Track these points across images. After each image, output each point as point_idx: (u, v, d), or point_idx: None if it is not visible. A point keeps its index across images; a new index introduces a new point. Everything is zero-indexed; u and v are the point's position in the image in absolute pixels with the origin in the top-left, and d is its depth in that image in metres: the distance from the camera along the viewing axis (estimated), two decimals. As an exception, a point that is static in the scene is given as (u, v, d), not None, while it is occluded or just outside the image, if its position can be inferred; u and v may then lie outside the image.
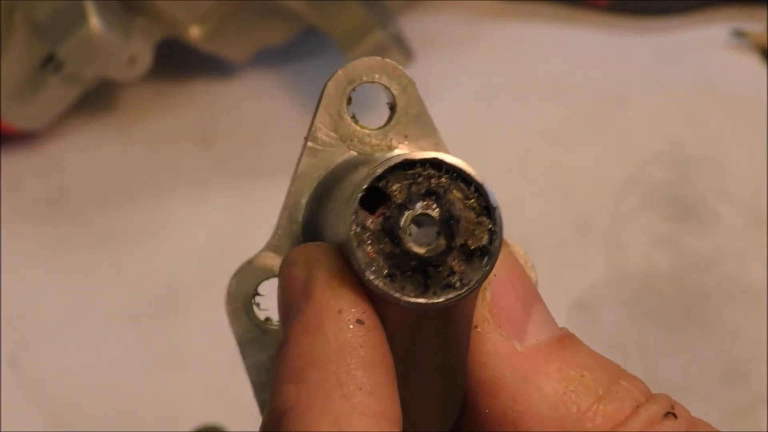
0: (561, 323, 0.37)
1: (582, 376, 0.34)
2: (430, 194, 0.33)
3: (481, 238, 0.33)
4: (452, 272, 0.33)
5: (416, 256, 0.32)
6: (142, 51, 0.81)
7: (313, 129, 0.38)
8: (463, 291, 0.33)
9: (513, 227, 0.91)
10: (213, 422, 0.72)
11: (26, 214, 0.82)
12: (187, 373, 0.75)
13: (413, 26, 0.91)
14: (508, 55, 0.93)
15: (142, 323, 0.77)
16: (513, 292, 0.36)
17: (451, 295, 0.32)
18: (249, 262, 0.39)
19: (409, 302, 0.32)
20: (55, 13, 0.77)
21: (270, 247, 0.39)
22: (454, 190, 0.33)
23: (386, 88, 0.39)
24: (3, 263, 0.79)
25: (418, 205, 0.33)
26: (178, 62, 0.89)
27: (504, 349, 0.34)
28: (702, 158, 0.86)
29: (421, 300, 0.32)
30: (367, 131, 0.38)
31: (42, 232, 0.81)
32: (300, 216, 0.39)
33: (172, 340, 0.76)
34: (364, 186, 0.33)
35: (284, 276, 0.35)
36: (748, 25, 0.95)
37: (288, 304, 0.34)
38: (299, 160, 0.39)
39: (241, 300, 0.39)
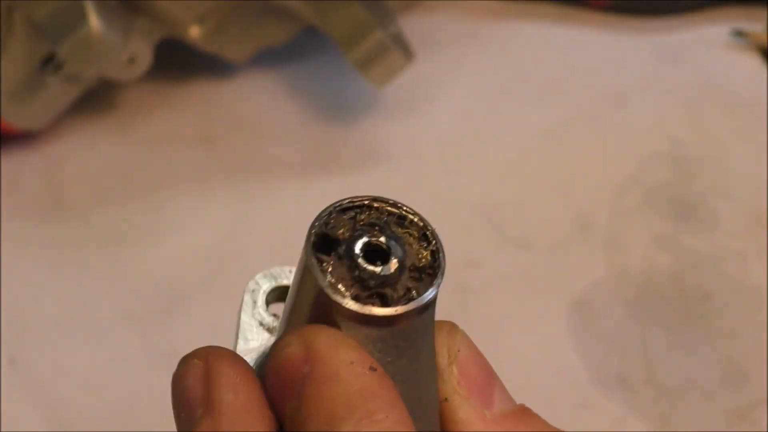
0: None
1: None
2: (372, 226, 0.36)
3: (426, 260, 0.36)
4: (408, 290, 0.36)
5: (374, 275, 0.35)
6: (142, 51, 0.81)
7: (239, 337, 0.43)
8: (424, 300, 0.35)
9: (513, 227, 0.91)
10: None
11: (26, 214, 0.82)
12: (187, 373, 0.75)
13: (413, 26, 0.91)
14: (508, 55, 0.93)
15: (142, 323, 0.77)
16: (477, 365, 0.38)
17: (413, 305, 0.35)
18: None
19: (375, 314, 0.35)
20: (55, 13, 0.77)
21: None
22: (392, 224, 0.37)
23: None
24: (3, 263, 0.79)
25: (365, 235, 0.36)
26: (178, 62, 0.89)
27: (475, 416, 0.36)
28: (702, 158, 0.86)
29: (389, 309, 0.35)
30: None
31: (42, 232, 0.81)
32: None
33: (172, 340, 0.76)
34: (314, 231, 0.36)
35: (280, 358, 0.35)
36: (748, 25, 0.95)
37: (288, 381, 0.35)
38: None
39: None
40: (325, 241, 0.36)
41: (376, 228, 0.36)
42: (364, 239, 0.36)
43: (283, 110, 0.89)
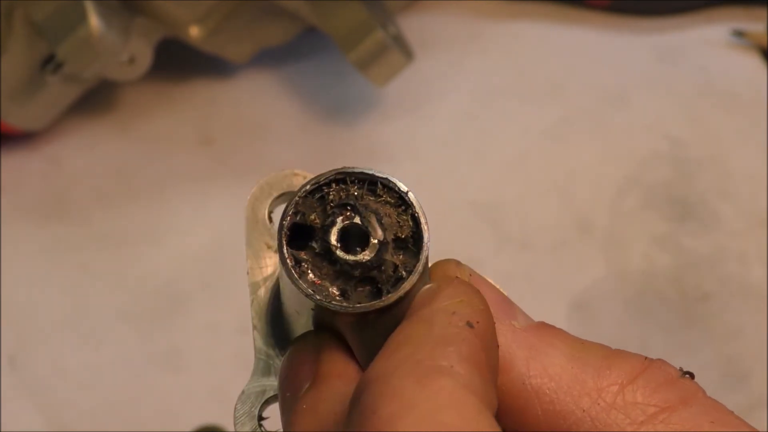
0: (561, 323, 0.38)
1: (582, 343, 0.36)
2: (344, 207, 0.35)
3: (408, 225, 0.35)
4: (396, 267, 0.34)
5: (356, 264, 0.34)
6: (142, 51, 0.81)
7: (249, 254, 0.41)
8: (413, 277, 0.34)
9: (513, 227, 0.91)
10: (213, 422, 0.72)
11: (26, 214, 0.82)
12: (187, 373, 0.75)
13: (413, 26, 0.91)
14: (508, 55, 0.93)
15: (142, 323, 0.77)
16: (491, 288, 0.37)
17: (404, 286, 0.34)
18: (242, 393, 0.39)
19: (370, 308, 0.34)
20: (55, 13, 0.77)
21: (256, 373, 0.40)
22: (365, 195, 0.35)
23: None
24: (3, 263, 0.79)
25: (338, 219, 0.34)
26: (178, 62, 0.89)
27: (504, 327, 0.35)
28: (702, 158, 0.86)
29: (381, 301, 0.34)
30: None
31: (42, 232, 0.81)
32: (270, 332, 0.40)
33: (172, 340, 0.76)
34: (285, 227, 0.34)
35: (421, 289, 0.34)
36: (748, 25, 0.95)
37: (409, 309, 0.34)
38: (249, 287, 0.41)
39: (249, 429, 0.40)
40: (300, 231, 0.35)
41: (348, 208, 0.35)
42: (338, 226, 0.34)
43: (283, 110, 0.89)
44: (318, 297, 0.34)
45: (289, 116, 0.88)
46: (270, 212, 0.42)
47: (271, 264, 0.40)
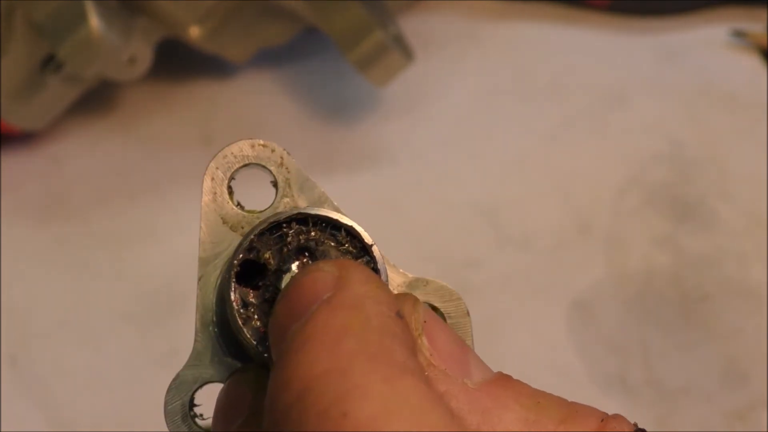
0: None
1: (538, 403, 0.34)
2: (302, 251, 0.33)
3: None
4: None
5: None
6: (142, 51, 0.81)
7: (202, 227, 0.38)
8: None
9: (513, 228, 0.91)
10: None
11: (26, 214, 0.82)
12: (187, 373, 0.75)
13: (413, 26, 0.91)
14: (508, 55, 0.93)
15: (142, 323, 0.77)
16: (447, 336, 0.35)
17: None
18: (176, 377, 0.38)
19: None
20: (55, 13, 0.77)
21: (193, 356, 0.38)
22: (326, 240, 0.33)
23: (263, 167, 0.38)
24: (3, 263, 0.79)
25: (293, 266, 0.33)
26: (178, 62, 0.89)
27: (457, 387, 0.34)
28: (702, 158, 0.86)
29: None
30: (255, 214, 0.37)
31: (42, 232, 0.81)
32: (212, 316, 0.38)
33: (172, 340, 0.76)
34: (236, 263, 0.32)
35: (303, 278, 0.32)
36: (748, 25, 0.95)
37: (302, 303, 0.31)
38: (198, 261, 0.38)
39: (179, 414, 0.38)
40: (251, 268, 0.33)
41: (306, 253, 0.33)
42: (292, 273, 0.33)
43: (283, 110, 0.89)
44: (260, 348, 0.32)
45: (288, 116, 0.88)
46: (230, 183, 0.40)
47: (225, 240, 0.38)
